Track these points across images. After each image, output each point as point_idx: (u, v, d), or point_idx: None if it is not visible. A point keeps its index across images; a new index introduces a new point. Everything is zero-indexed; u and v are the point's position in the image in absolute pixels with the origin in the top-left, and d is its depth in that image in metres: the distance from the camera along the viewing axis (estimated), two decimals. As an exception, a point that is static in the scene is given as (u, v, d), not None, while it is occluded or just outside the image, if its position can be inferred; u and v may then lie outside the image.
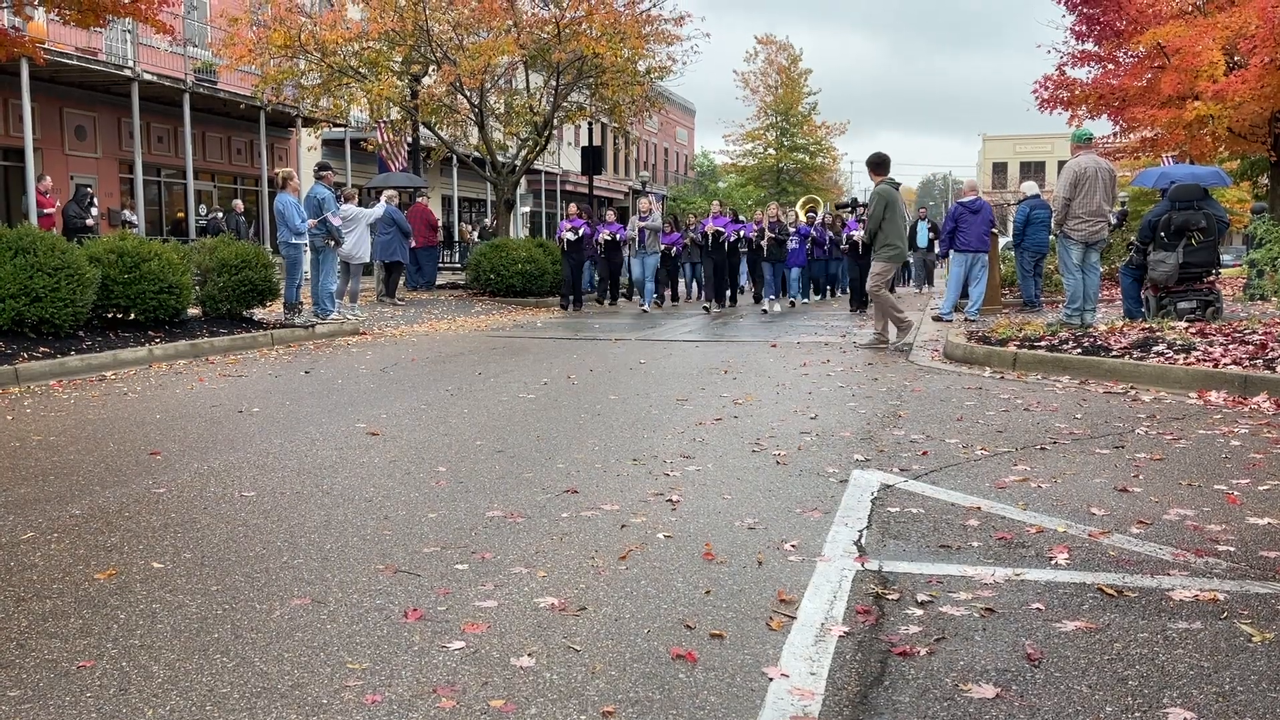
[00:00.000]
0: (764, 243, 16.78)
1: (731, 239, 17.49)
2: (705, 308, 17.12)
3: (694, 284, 20.79)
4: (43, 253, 9.06)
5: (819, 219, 21.02)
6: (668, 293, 19.56)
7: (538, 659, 2.78)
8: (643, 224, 17.74)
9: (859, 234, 15.87)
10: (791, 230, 17.91)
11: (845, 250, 18.03)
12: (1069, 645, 2.84)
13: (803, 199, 26.46)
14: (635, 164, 52.69)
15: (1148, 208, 13.61)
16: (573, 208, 18.59)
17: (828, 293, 21.72)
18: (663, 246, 18.00)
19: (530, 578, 3.43)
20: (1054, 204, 10.92)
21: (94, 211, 19.47)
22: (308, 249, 13.19)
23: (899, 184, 10.99)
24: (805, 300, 19.53)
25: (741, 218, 19.52)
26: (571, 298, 17.68)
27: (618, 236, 18.30)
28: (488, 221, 34.15)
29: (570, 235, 17.42)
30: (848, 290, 20.79)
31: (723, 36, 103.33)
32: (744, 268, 20.05)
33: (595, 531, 3.97)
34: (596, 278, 19.67)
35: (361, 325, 13.07)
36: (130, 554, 3.70)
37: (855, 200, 23.94)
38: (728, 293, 18.55)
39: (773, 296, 17.44)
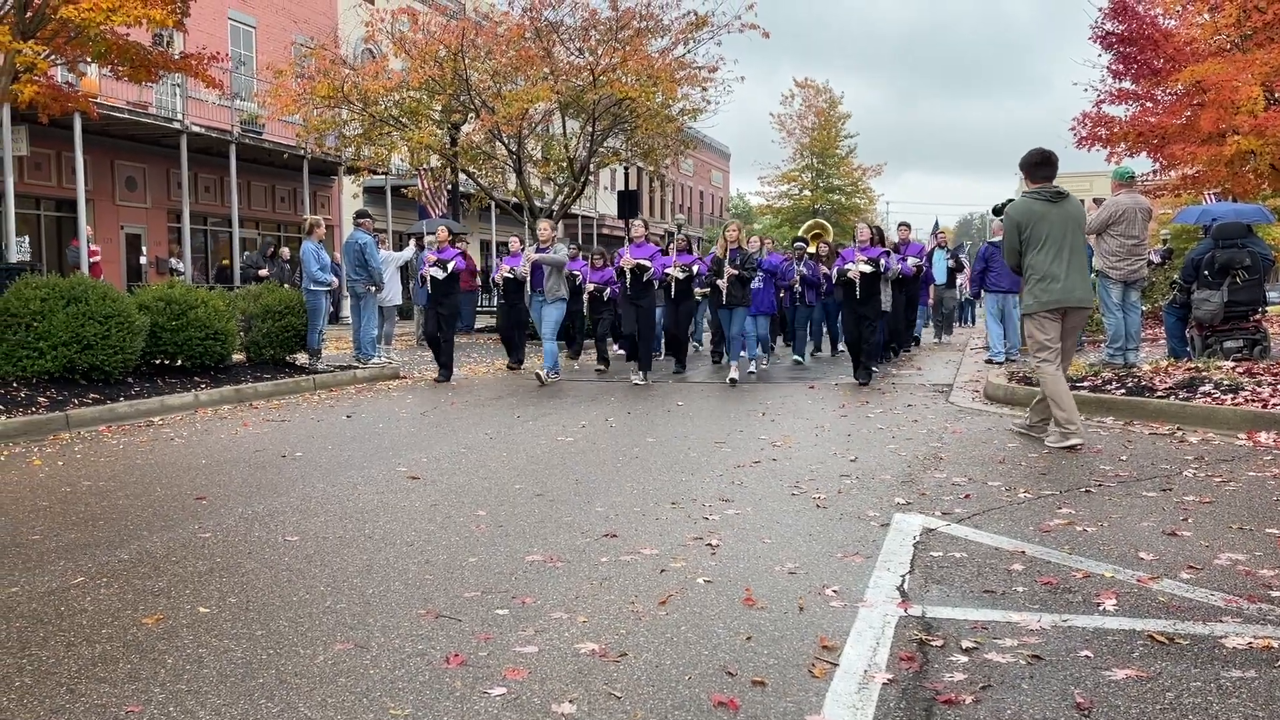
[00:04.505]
0: (721, 281, 11.30)
1: (672, 274, 11.74)
2: (637, 383, 11.33)
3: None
4: (94, 301, 9.28)
5: (813, 252, 14.84)
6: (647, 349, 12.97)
7: (579, 706, 2.77)
8: (539, 256, 11.96)
9: (860, 267, 10.92)
10: (757, 263, 12.11)
11: (841, 289, 11.51)
12: (1119, 694, 2.79)
13: (807, 224, 19.99)
14: (671, 207, 53.09)
15: (1191, 246, 13.47)
16: (441, 232, 12.48)
17: (830, 347, 15.95)
18: (591, 286, 12.85)
19: (570, 623, 3.43)
20: (1086, 227, 10.88)
21: (282, 263, 20.05)
22: (347, 294, 13.33)
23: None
24: (800, 360, 14.13)
25: (716, 251, 12.26)
26: (442, 362, 12.00)
27: (517, 272, 12.76)
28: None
29: (437, 272, 11.93)
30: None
31: (755, 78, 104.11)
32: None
33: (635, 576, 3.97)
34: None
35: (401, 369, 13.21)
36: (177, 598, 3.75)
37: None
38: (668, 352, 13.21)
39: (753, 356, 12.65)
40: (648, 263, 11.59)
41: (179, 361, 10.63)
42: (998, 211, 12.31)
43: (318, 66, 20.60)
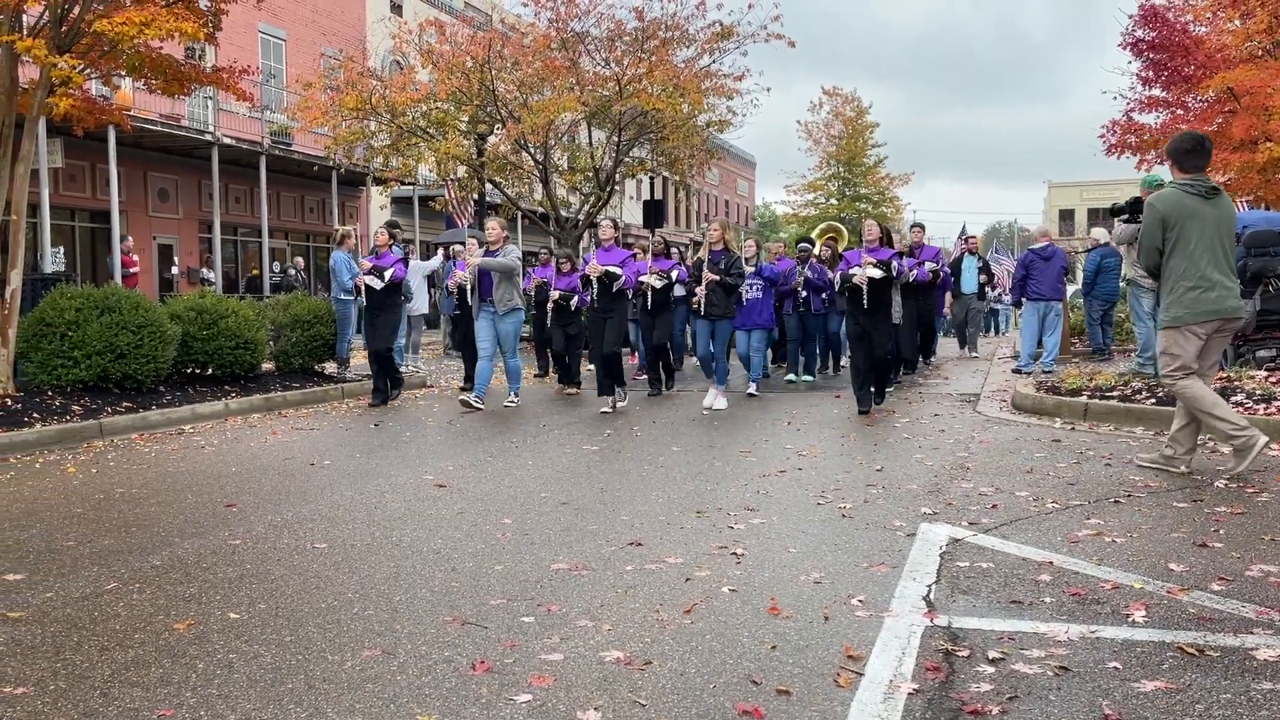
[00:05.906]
0: (701, 290, 10.09)
1: (647, 283, 10.49)
2: (604, 410, 9.81)
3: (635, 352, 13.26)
4: (127, 311, 9.42)
5: (817, 254, 12.70)
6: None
7: (604, 713, 2.78)
8: (484, 260, 10.23)
9: (867, 271, 9.17)
10: (750, 269, 10.65)
11: (846, 297, 9.74)
12: (1148, 706, 2.76)
13: (821, 226, 17.54)
14: (696, 216, 53.13)
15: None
16: (380, 235, 10.96)
17: (831, 364, 13.74)
18: (555, 294, 11.33)
19: (596, 631, 3.44)
20: (1116, 237, 10.74)
21: (299, 270, 19.93)
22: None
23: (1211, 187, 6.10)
24: (810, 377, 12.48)
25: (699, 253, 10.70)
26: (382, 385, 10.73)
27: (465, 279, 10.70)
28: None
29: (373, 282, 10.47)
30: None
31: (775, 86, 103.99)
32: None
33: (660, 584, 3.97)
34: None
35: (428, 378, 13.29)
36: (208, 604, 3.80)
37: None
38: (655, 370, 11.34)
39: (755, 379, 11.15)
40: (617, 269, 9.98)
41: (210, 370, 10.76)
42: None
43: (346, 79, 20.81)
